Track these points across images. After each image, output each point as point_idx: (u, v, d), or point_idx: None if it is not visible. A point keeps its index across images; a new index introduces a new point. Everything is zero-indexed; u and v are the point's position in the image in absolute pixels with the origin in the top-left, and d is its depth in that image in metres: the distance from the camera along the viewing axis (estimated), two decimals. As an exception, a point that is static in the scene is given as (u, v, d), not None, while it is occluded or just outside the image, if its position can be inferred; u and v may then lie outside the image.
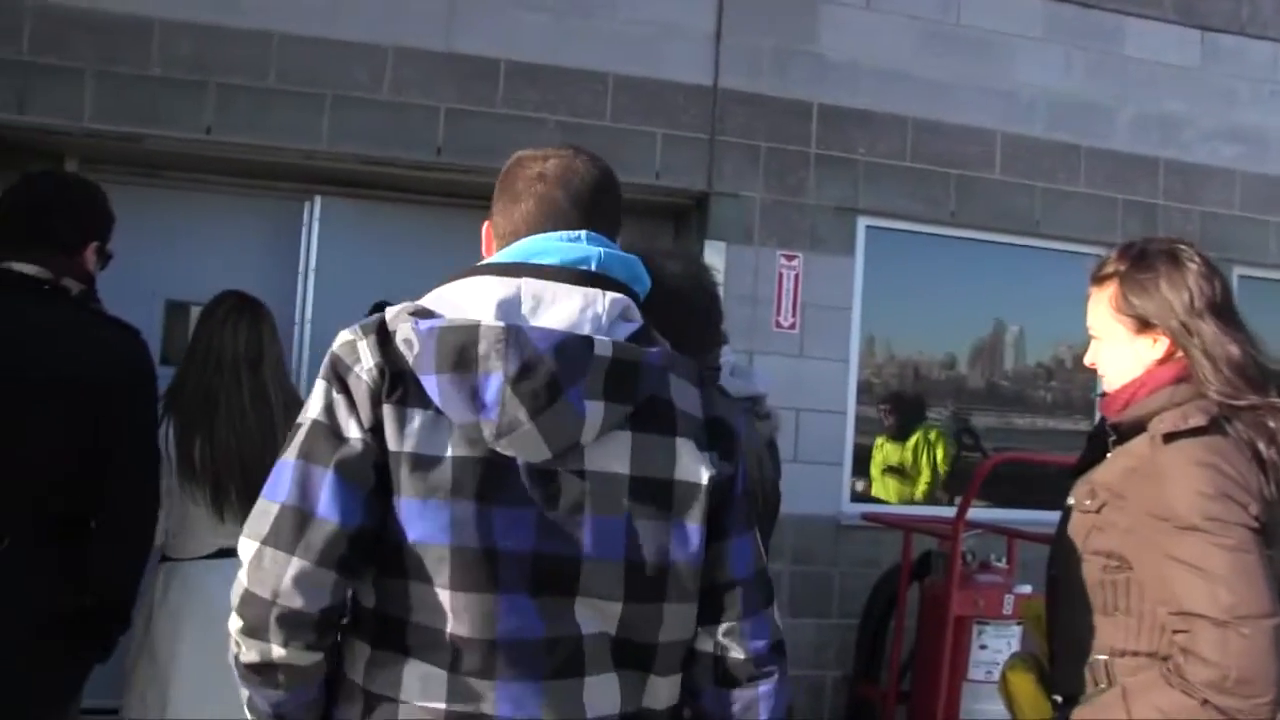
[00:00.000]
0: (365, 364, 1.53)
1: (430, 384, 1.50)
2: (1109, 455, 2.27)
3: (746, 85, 5.76)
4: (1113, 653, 2.13)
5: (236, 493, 3.29)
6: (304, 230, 5.76)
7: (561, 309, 1.56)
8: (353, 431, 1.52)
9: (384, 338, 1.55)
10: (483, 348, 1.49)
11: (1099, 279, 2.31)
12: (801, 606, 5.68)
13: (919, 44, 6.01)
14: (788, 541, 5.49)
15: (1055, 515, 3.06)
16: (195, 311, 4.85)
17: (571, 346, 1.52)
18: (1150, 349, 2.20)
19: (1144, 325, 2.19)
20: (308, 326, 5.68)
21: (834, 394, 5.80)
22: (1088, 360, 2.62)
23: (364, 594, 1.58)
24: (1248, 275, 6.35)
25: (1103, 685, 2.13)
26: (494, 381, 1.48)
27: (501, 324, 1.50)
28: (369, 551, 1.53)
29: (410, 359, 1.52)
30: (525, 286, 1.56)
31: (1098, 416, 3.12)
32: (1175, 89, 6.40)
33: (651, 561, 1.58)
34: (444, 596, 1.51)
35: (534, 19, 5.52)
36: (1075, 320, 6.10)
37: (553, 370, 1.49)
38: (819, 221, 5.83)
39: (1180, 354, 2.16)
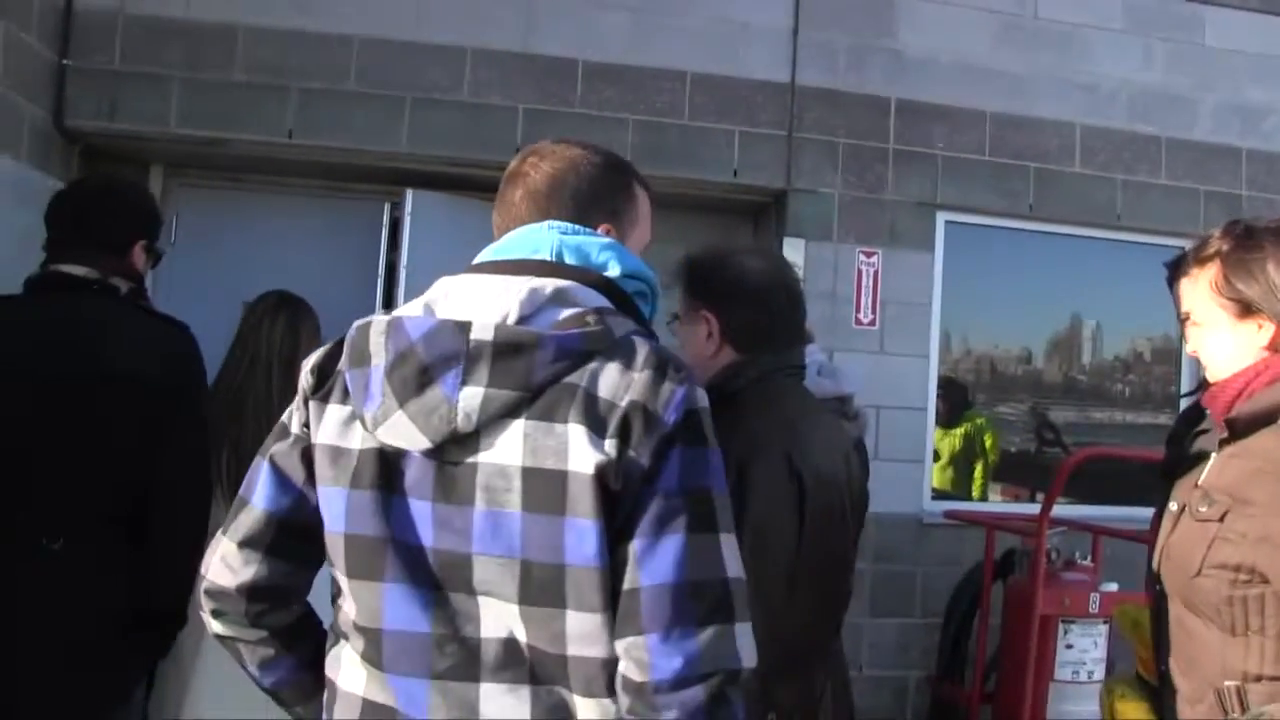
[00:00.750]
0: (309, 365, 1.66)
1: (346, 379, 1.58)
2: (1216, 455, 2.07)
3: (824, 81, 5.73)
4: (1245, 678, 1.92)
5: None
6: (384, 230, 5.79)
7: (466, 299, 1.56)
8: (294, 427, 1.66)
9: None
10: (372, 342, 1.55)
11: (1200, 259, 2.13)
12: (884, 606, 5.65)
13: (997, 37, 5.95)
14: (869, 540, 5.43)
15: (1139, 511, 2.96)
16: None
17: (442, 334, 1.50)
18: (1256, 335, 2.02)
19: (1247, 310, 2.02)
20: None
21: (915, 390, 5.76)
22: (1189, 349, 2.49)
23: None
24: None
25: (1235, 714, 1.93)
26: (377, 373, 1.53)
27: (386, 318, 1.56)
28: (303, 537, 1.63)
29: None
30: (449, 283, 1.61)
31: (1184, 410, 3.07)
32: (1257, 77, 6.29)
33: (546, 561, 1.46)
34: (344, 584, 1.58)
35: (611, 18, 5.53)
36: (1155, 314, 6.16)
37: (422, 358, 1.49)
38: (898, 217, 5.79)
39: None
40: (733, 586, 1.46)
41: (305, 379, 1.65)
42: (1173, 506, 2.12)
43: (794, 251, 5.60)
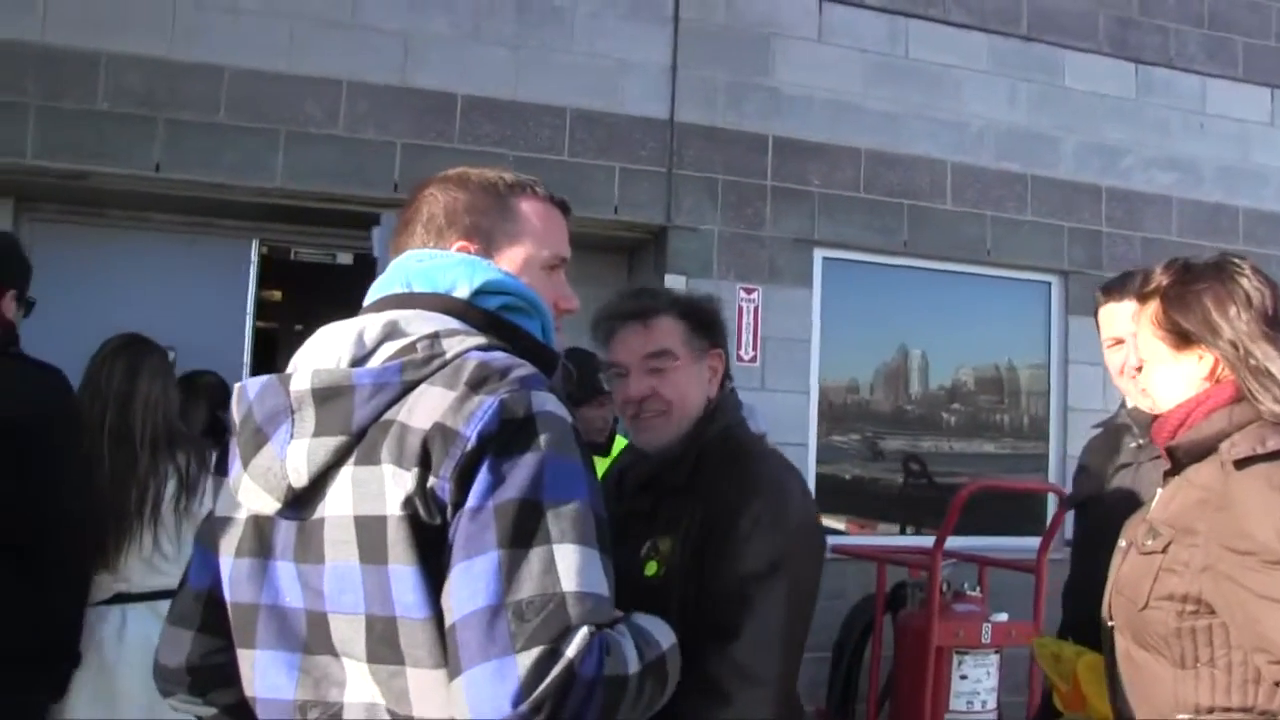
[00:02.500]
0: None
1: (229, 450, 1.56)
2: (1161, 489, 2.08)
3: (703, 118, 5.79)
4: (1198, 710, 1.89)
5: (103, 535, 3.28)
6: (252, 268, 5.62)
7: (312, 348, 1.52)
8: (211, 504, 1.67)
9: None
10: (233, 409, 1.53)
11: (1142, 295, 2.14)
12: (770, 639, 5.62)
13: (870, 76, 6.10)
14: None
15: (1022, 541, 3.09)
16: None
17: (268, 389, 1.47)
18: (1197, 366, 2.04)
19: (1185, 341, 2.03)
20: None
21: (796, 425, 5.81)
22: (1124, 390, 2.58)
23: None
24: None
25: None
26: (233, 438, 1.51)
27: (240, 383, 1.54)
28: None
29: None
30: (317, 333, 1.55)
31: (1090, 441, 3.15)
32: (1113, 119, 6.58)
33: (381, 614, 1.35)
34: (236, 652, 1.55)
35: (490, 53, 5.49)
36: (1024, 346, 6.35)
37: (256, 418, 1.46)
38: (777, 254, 5.86)
39: (1227, 371, 2.00)
40: (571, 600, 1.29)
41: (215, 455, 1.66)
42: (1121, 543, 2.12)
43: (675, 288, 5.60)
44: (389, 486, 1.35)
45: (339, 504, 1.39)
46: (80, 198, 5.32)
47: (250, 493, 1.46)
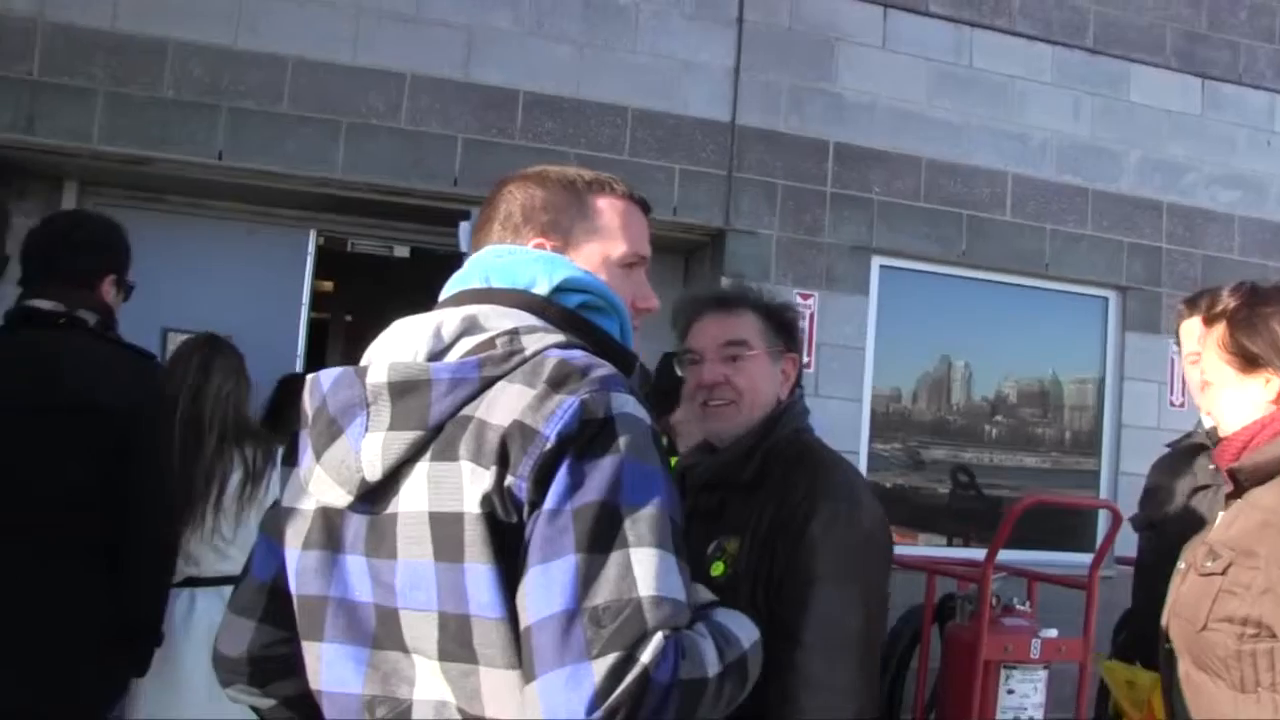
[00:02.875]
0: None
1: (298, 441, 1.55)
2: (1224, 511, 2.08)
3: (764, 122, 5.76)
4: None
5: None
6: (309, 258, 5.63)
7: (388, 341, 1.50)
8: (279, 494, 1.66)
9: None
10: (304, 400, 1.51)
11: (1209, 318, 2.16)
12: (815, 648, 5.59)
13: (933, 85, 6.05)
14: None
15: (1073, 557, 3.03)
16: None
17: (343, 381, 1.45)
18: (1262, 390, 2.05)
19: (1252, 364, 2.05)
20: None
21: (848, 433, 5.77)
22: (1203, 408, 2.53)
23: None
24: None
25: None
26: (305, 431, 1.49)
27: (313, 374, 1.52)
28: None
29: None
30: (391, 326, 1.54)
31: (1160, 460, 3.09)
32: (1178, 135, 6.51)
33: (455, 612, 1.33)
34: (301, 644, 1.53)
35: (554, 50, 5.48)
36: (1079, 360, 6.27)
37: (330, 410, 1.44)
38: (834, 260, 5.82)
39: None
40: (647, 605, 1.25)
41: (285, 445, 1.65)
42: (1180, 565, 2.11)
43: (731, 291, 5.57)
44: (466, 483, 1.32)
45: (413, 500, 1.36)
46: (142, 183, 5.35)
47: (322, 485, 1.44)
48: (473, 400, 1.36)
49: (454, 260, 6.07)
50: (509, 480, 1.30)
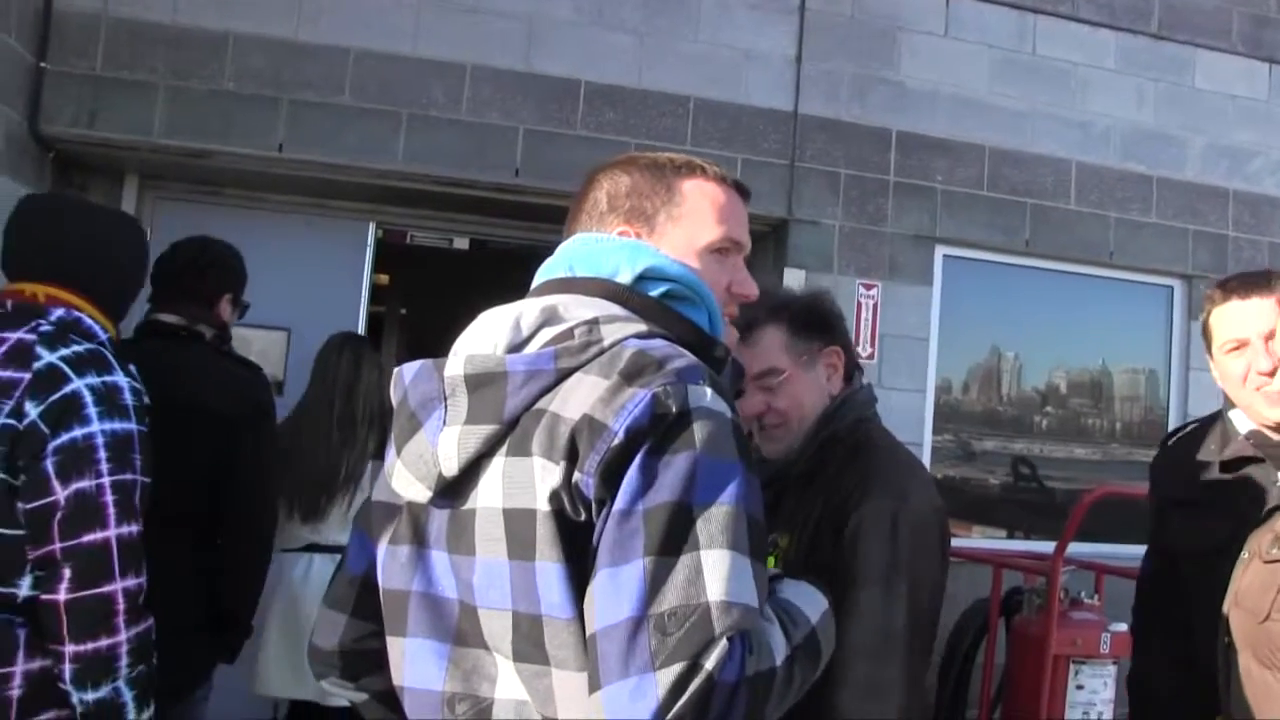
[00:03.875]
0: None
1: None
2: None
3: (827, 111, 5.69)
4: None
5: (310, 498, 4.02)
6: (368, 250, 5.60)
7: (472, 333, 1.46)
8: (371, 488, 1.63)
9: None
10: (391, 393, 1.51)
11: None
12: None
13: (996, 73, 5.97)
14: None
15: (1137, 549, 2.87)
16: (249, 334, 4.91)
17: (423, 374, 1.44)
18: None
19: None
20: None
21: (911, 425, 5.69)
22: (1260, 369, 2.27)
23: None
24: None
25: None
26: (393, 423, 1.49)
27: (399, 367, 1.51)
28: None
29: None
30: (480, 317, 1.49)
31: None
32: (1244, 120, 6.41)
33: (527, 612, 1.29)
34: (386, 639, 1.52)
35: (615, 40, 5.42)
36: (1146, 350, 6.18)
37: (411, 404, 1.43)
38: (897, 250, 5.75)
39: None
40: (716, 610, 1.20)
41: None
42: (1244, 554, 2.01)
43: (794, 282, 5.52)
44: (538, 480, 1.29)
45: (490, 495, 1.34)
46: (202, 177, 5.32)
47: (403, 480, 1.43)
48: (548, 393, 1.33)
49: (513, 252, 6.06)
50: (576, 476, 1.27)
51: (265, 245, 5.48)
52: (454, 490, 1.37)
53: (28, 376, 2.16)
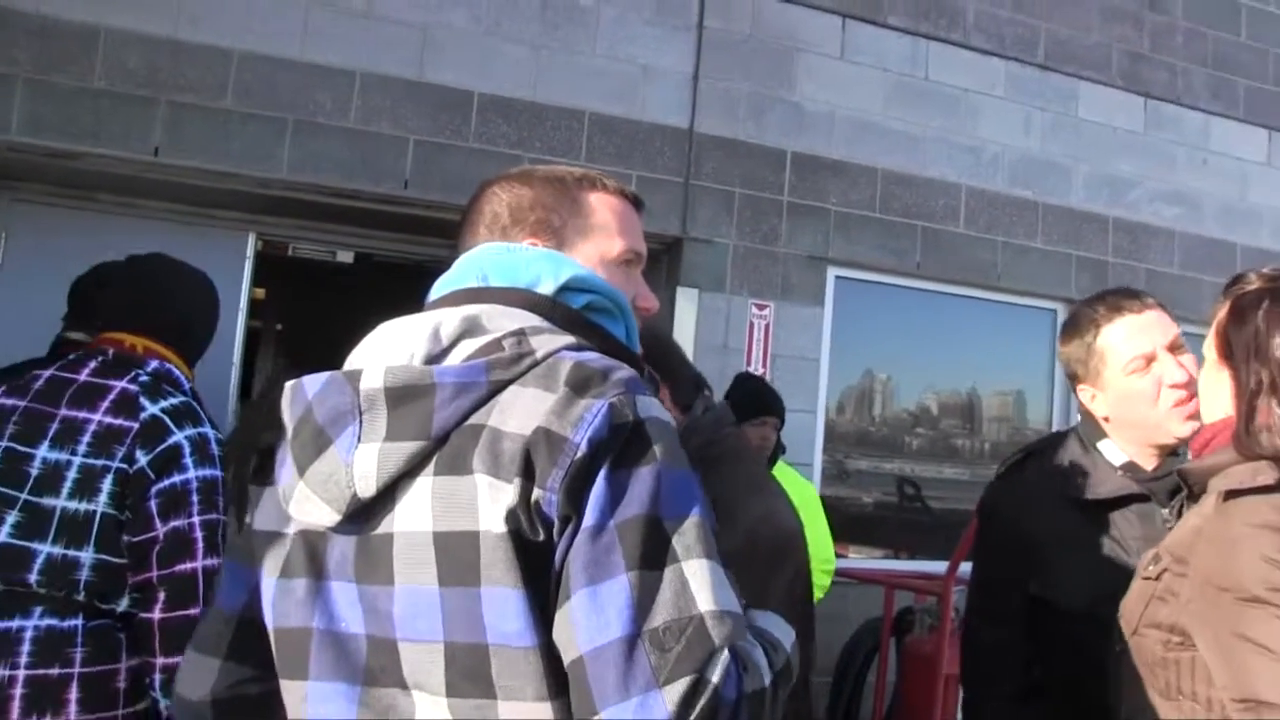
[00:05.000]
0: (260, 445, 1.49)
1: (276, 455, 1.42)
2: (1181, 514, 1.92)
3: (723, 130, 5.66)
4: None
5: None
6: (247, 263, 5.35)
7: (378, 343, 1.38)
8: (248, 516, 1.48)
9: None
10: (282, 410, 1.38)
11: (1226, 292, 1.93)
12: (771, 665, 5.51)
13: (890, 97, 6.03)
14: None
15: None
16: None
17: (332, 387, 1.32)
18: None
19: (1227, 355, 1.82)
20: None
21: (802, 445, 5.68)
22: (1173, 381, 2.22)
23: None
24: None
25: None
26: (285, 444, 1.36)
27: (292, 380, 1.39)
28: (267, 637, 1.40)
29: None
30: (378, 328, 1.41)
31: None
32: (1123, 151, 6.61)
33: (468, 643, 1.20)
34: (281, 684, 1.38)
35: (511, 51, 5.30)
36: (1028, 372, 6.30)
37: (317, 420, 1.31)
38: (790, 270, 5.75)
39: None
40: (710, 621, 1.16)
41: (253, 461, 1.47)
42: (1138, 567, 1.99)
43: (688, 301, 5.48)
44: (484, 499, 1.20)
45: (414, 519, 1.24)
46: (67, 179, 5.00)
47: (305, 503, 1.30)
48: (481, 407, 1.25)
49: (399, 266, 5.86)
50: (536, 494, 1.19)
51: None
52: (366, 514, 1.27)
53: (136, 426, 2.46)
